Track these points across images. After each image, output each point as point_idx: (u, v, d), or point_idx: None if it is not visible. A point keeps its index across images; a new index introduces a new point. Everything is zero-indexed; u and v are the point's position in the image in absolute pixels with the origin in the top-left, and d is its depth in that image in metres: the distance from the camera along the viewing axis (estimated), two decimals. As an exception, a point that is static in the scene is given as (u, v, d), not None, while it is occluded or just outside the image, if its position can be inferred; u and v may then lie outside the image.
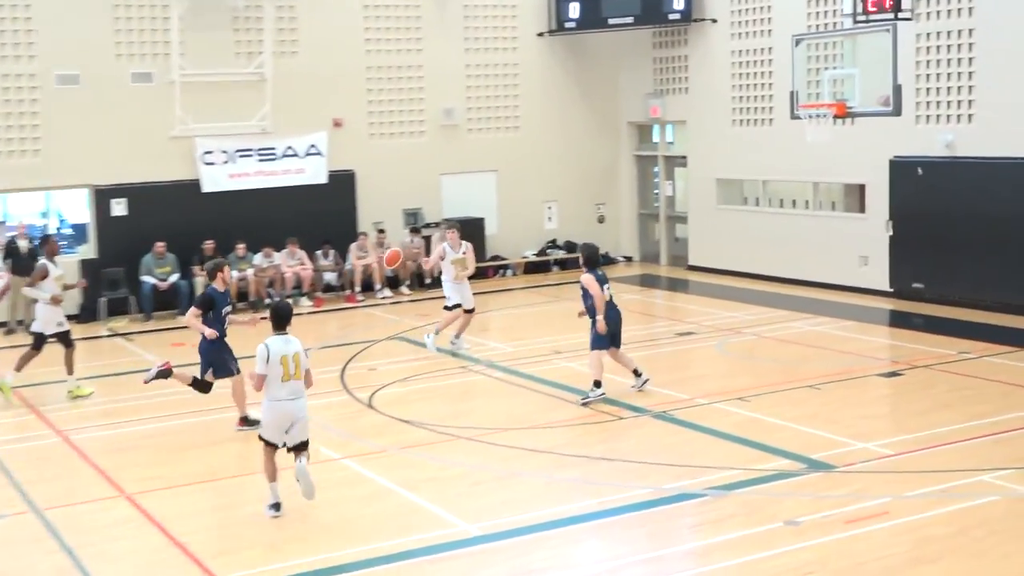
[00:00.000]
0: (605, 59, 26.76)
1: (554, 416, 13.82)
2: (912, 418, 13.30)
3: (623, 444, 12.69)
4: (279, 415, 10.76)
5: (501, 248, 25.81)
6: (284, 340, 10.76)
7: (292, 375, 10.70)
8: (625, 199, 27.31)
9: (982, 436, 12.37)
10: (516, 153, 25.85)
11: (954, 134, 19.79)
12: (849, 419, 13.29)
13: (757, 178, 23.88)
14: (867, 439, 12.43)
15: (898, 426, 13.11)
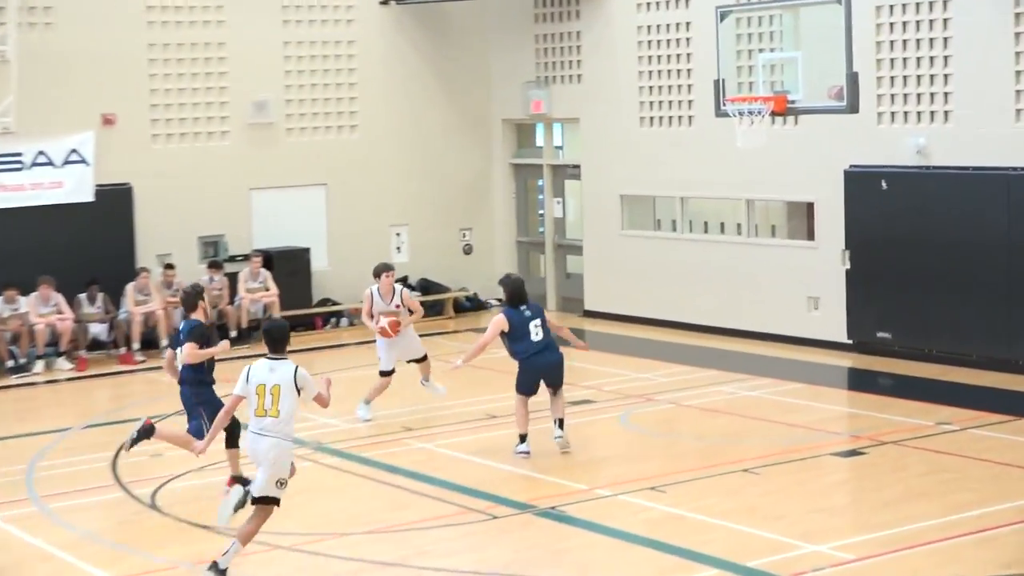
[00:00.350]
0: (472, 37, 27.00)
1: (406, 515, 13.75)
2: (878, 511, 13.51)
3: (499, 552, 12.66)
4: (248, 454, 12.08)
5: (333, 289, 25.75)
6: (269, 367, 11.83)
7: (267, 410, 11.74)
8: (499, 223, 27.53)
9: (966, 534, 12.61)
10: (353, 161, 25.93)
11: (927, 136, 20.33)
12: (797, 513, 13.44)
13: (673, 194, 24.23)
14: (820, 540, 12.58)
15: (860, 522, 13.30)
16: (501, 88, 27.13)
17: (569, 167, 26.58)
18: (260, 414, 11.76)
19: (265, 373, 11.78)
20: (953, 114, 20.13)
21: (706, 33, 21.41)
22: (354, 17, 25.89)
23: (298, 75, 25.45)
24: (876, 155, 20.97)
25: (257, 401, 11.74)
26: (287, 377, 11.75)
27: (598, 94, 25.39)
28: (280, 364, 11.85)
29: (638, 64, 24.58)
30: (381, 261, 19.55)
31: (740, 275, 23.00)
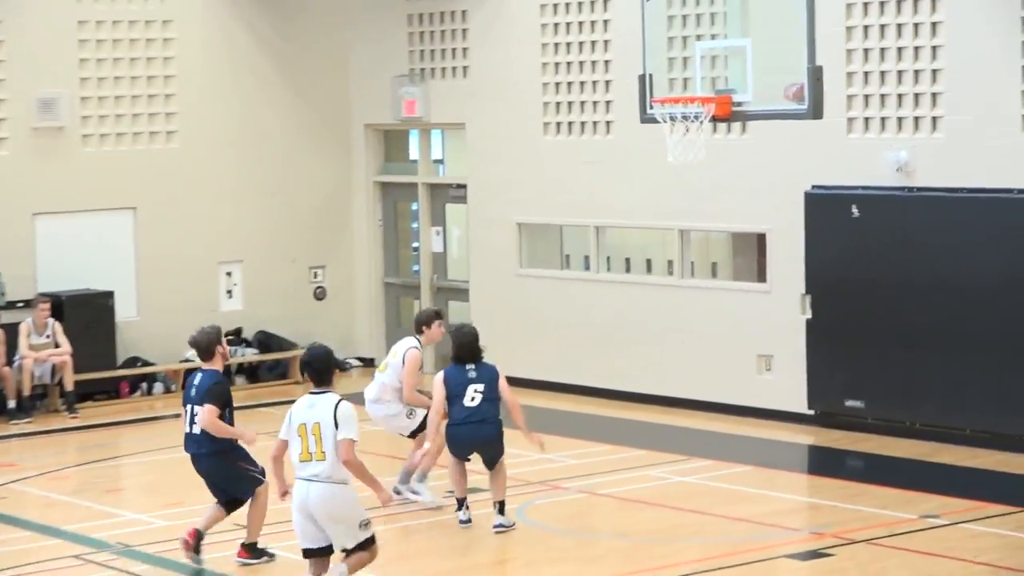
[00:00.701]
0: (326, 18, 27.30)
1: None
2: (846, 627, 13.99)
3: None
4: (296, 504, 13.36)
5: (144, 345, 25.84)
6: (309, 402, 13.41)
7: (312, 453, 13.18)
8: (361, 259, 27.80)
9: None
10: (170, 179, 26.00)
11: (911, 149, 20.83)
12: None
13: (586, 223, 24.55)
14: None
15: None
16: (363, 84, 27.42)
17: (452, 187, 26.86)
18: (305, 458, 13.21)
19: (305, 410, 13.33)
20: (943, 121, 20.54)
21: (629, 16, 21.55)
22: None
23: (97, 65, 25.50)
24: (845, 173, 21.35)
25: (301, 444, 13.20)
26: (324, 415, 13.23)
27: (489, 93, 25.66)
28: (321, 398, 13.37)
29: (541, 54, 24.88)
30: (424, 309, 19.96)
31: (672, 327, 23.18)
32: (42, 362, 23.91)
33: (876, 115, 21.20)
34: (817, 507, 18.44)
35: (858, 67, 21.27)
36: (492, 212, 25.77)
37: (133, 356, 25.78)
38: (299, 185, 27.23)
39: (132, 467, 21.40)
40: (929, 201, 20.64)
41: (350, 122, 27.68)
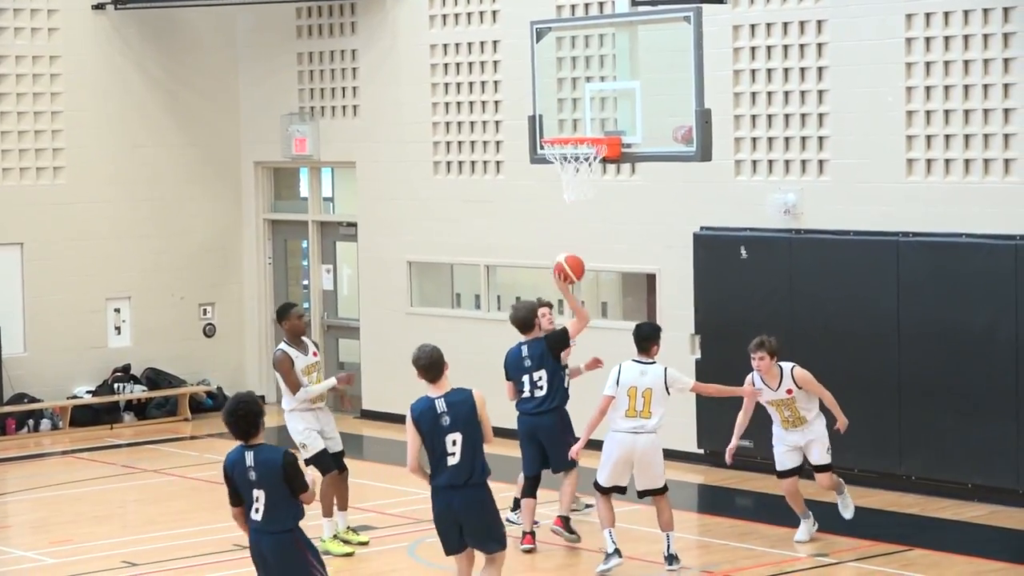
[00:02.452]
0: (216, 54, 27.27)
1: None
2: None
3: None
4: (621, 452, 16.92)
5: (31, 382, 25.68)
6: (640, 369, 16.53)
7: (638, 411, 16.60)
8: (251, 296, 27.75)
9: None
10: (57, 214, 25.90)
11: (798, 192, 20.92)
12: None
13: (476, 261, 24.63)
14: None
15: None
16: (253, 122, 27.38)
17: (342, 225, 26.86)
18: (632, 415, 16.48)
19: (636, 376, 16.50)
20: (830, 164, 20.73)
21: (519, 56, 21.74)
22: (58, 25, 25.92)
23: (-18, 100, 25.38)
24: (733, 215, 21.51)
25: (629, 403, 16.46)
26: (658, 380, 16.42)
27: (379, 132, 25.72)
28: (650, 367, 16.51)
29: (431, 94, 24.97)
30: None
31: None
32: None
33: (764, 158, 21.36)
34: (707, 545, 18.49)
35: (746, 110, 21.43)
36: (383, 250, 25.78)
37: (20, 392, 25.57)
38: (188, 222, 27.18)
39: (18, 504, 21.13)
40: (816, 243, 20.81)
41: (240, 159, 27.63)
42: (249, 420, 12.14)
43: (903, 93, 19.98)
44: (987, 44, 19.32)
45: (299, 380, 17.78)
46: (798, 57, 20.94)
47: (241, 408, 12.16)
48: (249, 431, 12.16)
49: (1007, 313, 19.08)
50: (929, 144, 19.85)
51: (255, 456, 12.12)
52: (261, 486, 12.09)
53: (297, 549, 12.22)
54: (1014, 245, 19.05)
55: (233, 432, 12.22)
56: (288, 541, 12.18)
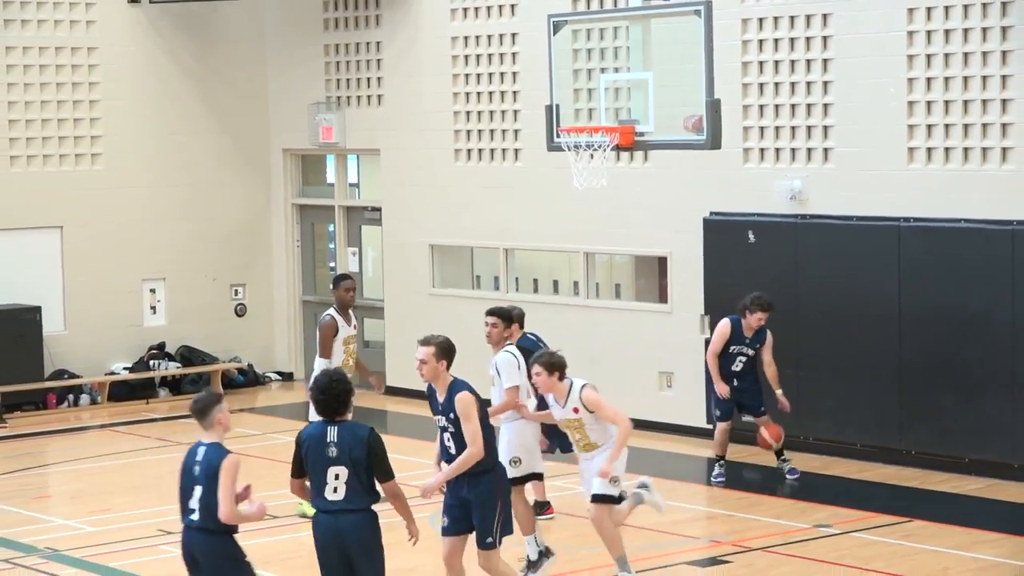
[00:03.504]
0: (246, 46, 27.37)
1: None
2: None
3: None
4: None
5: (70, 358, 25.84)
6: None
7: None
8: (280, 278, 27.87)
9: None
10: (95, 199, 26.02)
11: (803, 179, 21.09)
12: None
13: (495, 245, 24.75)
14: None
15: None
16: (282, 110, 27.49)
17: (367, 210, 26.97)
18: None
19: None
20: (834, 152, 20.83)
21: (536, 48, 21.70)
22: (95, 18, 26.02)
23: (24, 90, 25.52)
24: (742, 201, 21.63)
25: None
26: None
27: (403, 120, 25.79)
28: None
29: (452, 84, 25.03)
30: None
31: (577, 344, 23.10)
32: (-30, 379, 23.87)
33: (771, 146, 21.44)
34: (715, 516, 18.68)
35: (754, 100, 21.51)
36: (406, 234, 25.89)
37: (60, 369, 25.72)
38: (220, 206, 27.29)
39: (59, 475, 21.34)
40: (820, 228, 20.92)
41: (269, 146, 27.73)
42: (342, 399, 11.75)
43: (905, 84, 20.06)
44: (986, 37, 19.40)
45: (333, 351, 18.01)
46: (804, 49, 21.01)
47: (335, 387, 11.73)
48: (339, 411, 11.74)
49: (1004, 295, 19.21)
50: (929, 133, 19.94)
51: (339, 432, 11.68)
52: (342, 463, 11.59)
53: (377, 528, 11.82)
54: (1011, 230, 19.17)
55: (320, 409, 11.74)
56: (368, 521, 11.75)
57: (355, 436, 11.60)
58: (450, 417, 13.52)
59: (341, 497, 11.52)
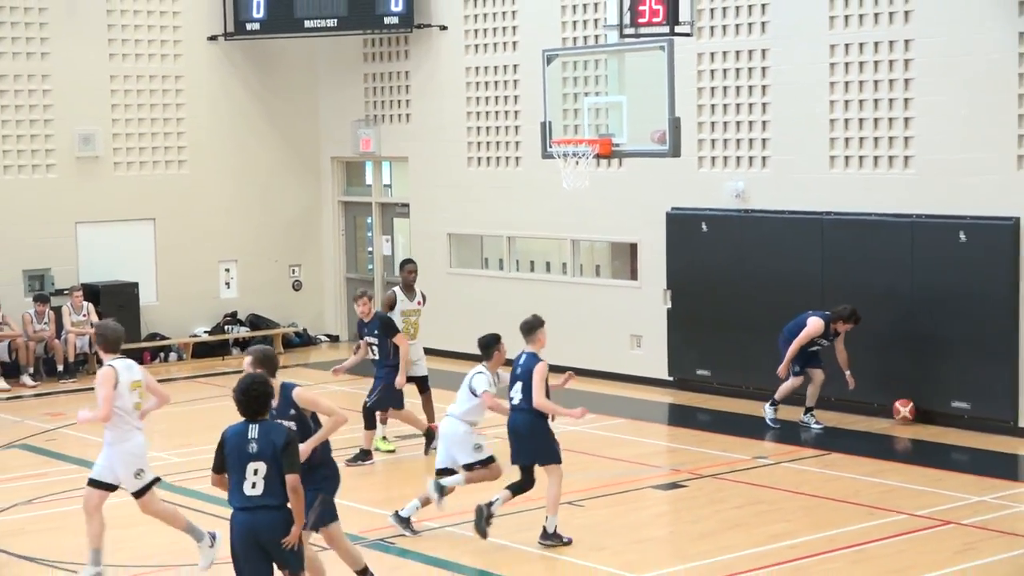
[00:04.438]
0: (301, 74, 27.21)
1: (235, 548, 13.83)
2: (696, 542, 14.00)
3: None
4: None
5: (162, 324, 25.76)
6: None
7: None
8: (329, 259, 27.71)
9: (781, 563, 13.12)
10: (181, 196, 25.94)
11: (746, 181, 21.00)
12: (618, 545, 13.86)
13: (500, 233, 24.66)
14: (641, 569, 12.99)
15: (679, 553, 13.75)
16: (330, 126, 27.36)
17: (398, 205, 26.85)
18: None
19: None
20: (771, 159, 20.78)
21: (533, 76, 21.85)
22: (182, 52, 25.91)
23: (125, 109, 25.40)
24: (697, 198, 21.55)
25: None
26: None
27: (426, 134, 25.69)
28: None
29: (466, 105, 24.96)
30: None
31: (565, 313, 23.26)
32: (81, 336, 23.75)
33: (720, 155, 21.39)
34: (675, 450, 18.63)
35: (707, 118, 21.46)
36: (428, 225, 25.79)
37: (153, 332, 25.69)
38: (281, 202, 27.18)
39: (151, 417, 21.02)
40: (759, 220, 20.84)
41: (320, 155, 27.61)
42: (260, 400, 10.04)
43: (827, 106, 20.02)
44: (891, 68, 19.37)
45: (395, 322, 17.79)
46: (747, 77, 20.96)
47: (254, 389, 10.03)
48: (259, 411, 10.02)
49: (904, 275, 19.16)
50: (847, 145, 19.89)
51: (259, 430, 9.98)
52: (262, 459, 9.92)
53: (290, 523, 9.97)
54: (910, 222, 19.13)
55: (241, 410, 10.05)
56: (284, 517, 9.96)
57: (275, 433, 9.95)
58: (290, 415, 11.17)
59: (259, 492, 9.85)
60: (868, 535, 14.02)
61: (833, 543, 13.73)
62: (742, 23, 20.97)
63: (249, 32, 25.80)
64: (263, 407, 10.07)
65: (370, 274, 27.40)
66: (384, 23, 25.33)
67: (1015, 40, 18.14)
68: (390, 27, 25.40)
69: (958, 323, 18.77)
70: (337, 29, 25.54)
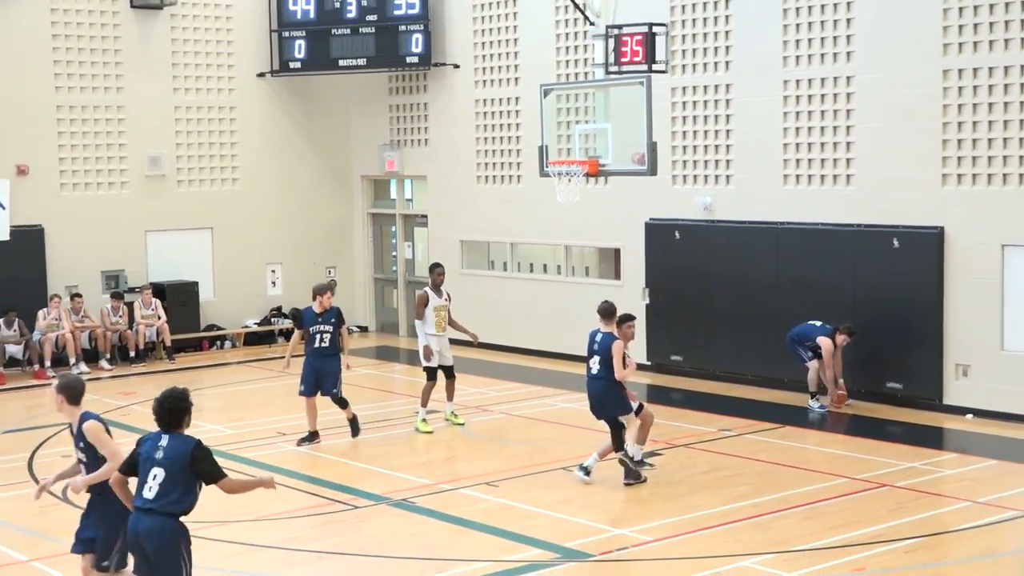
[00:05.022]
0: (336, 105, 27.15)
1: (279, 506, 13.77)
2: (671, 501, 13.99)
3: (358, 537, 12.83)
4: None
5: (218, 316, 25.69)
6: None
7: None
8: (359, 262, 27.64)
9: (743, 519, 13.14)
10: (234, 208, 25.89)
11: (713, 196, 20.95)
12: (605, 504, 13.87)
13: (504, 240, 24.59)
14: (624, 525, 13.02)
15: (656, 510, 13.73)
16: (360, 149, 27.28)
17: (418, 216, 26.76)
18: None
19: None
20: (734, 177, 20.73)
21: (532, 107, 21.82)
22: (235, 87, 25.84)
23: (187, 135, 25.32)
24: (671, 210, 21.49)
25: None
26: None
27: (442, 156, 25.63)
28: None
29: (475, 131, 24.88)
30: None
31: (559, 307, 23.35)
32: (150, 327, 23.77)
33: (691, 173, 21.31)
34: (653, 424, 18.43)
35: (679, 143, 21.40)
36: (443, 233, 25.70)
37: (211, 323, 25.63)
38: (319, 214, 27.09)
39: (210, 395, 21.29)
40: (724, 229, 20.77)
41: (351, 173, 27.51)
42: (174, 414, 8.88)
43: (781, 132, 19.96)
44: (836, 100, 19.34)
45: (424, 314, 17.79)
46: (713, 108, 20.90)
47: (169, 403, 8.90)
48: (172, 424, 8.89)
49: (846, 276, 19.11)
50: (798, 165, 19.83)
51: (169, 440, 8.85)
52: (163, 466, 8.77)
53: (173, 534, 8.80)
54: (852, 231, 19.09)
55: (156, 420, 8.93)
56: (169, 526, 8.78)
57: (183, 445, 8.82)
58: (80, 446, 9.70)
59: (151, 496, 8.74)
60: (816, 495, 14.02)
61: (787, 502, 13.72)
62: (709, 62, 20.94)
63: (292, 70, 25.77)
64: (177, 421, 8.90)
65: (394, 274, 27.37)
66: (406, 62, 25.29)
67: (940, 77, 18.13)
68: (411, 65, 25.36)
69: (892, 316, 18.75)
70: (366, 67, 25.50)
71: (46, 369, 22.45)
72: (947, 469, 15.35)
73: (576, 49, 22.83)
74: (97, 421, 9.58)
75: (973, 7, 17.77)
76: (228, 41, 25.69)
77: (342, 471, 15.43)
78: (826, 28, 19.38)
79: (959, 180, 18.12)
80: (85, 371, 22.58)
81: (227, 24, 25.67)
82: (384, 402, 20.03)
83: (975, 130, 17.92)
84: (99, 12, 24.20)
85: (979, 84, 17.82)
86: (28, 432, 18.01)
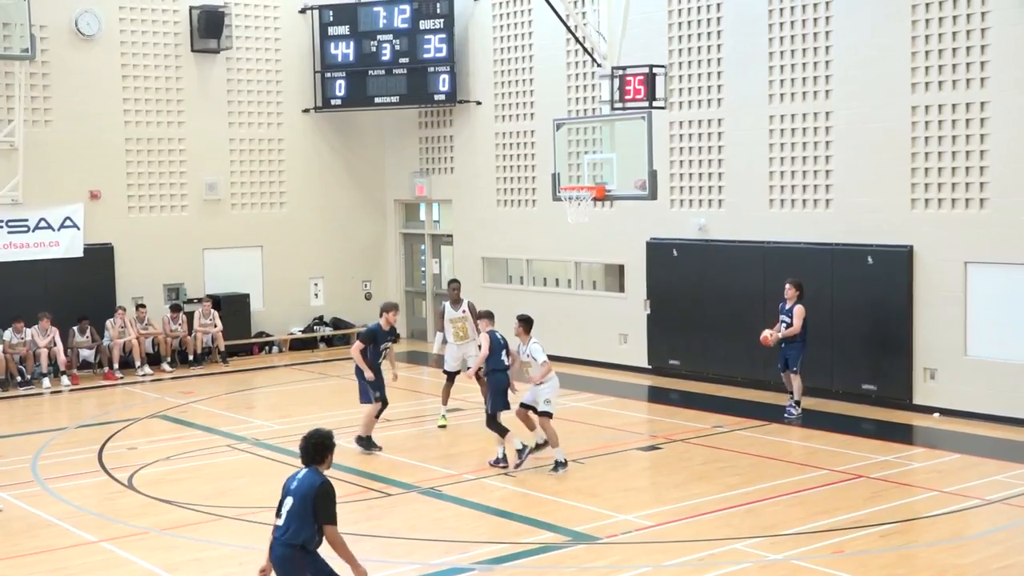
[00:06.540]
0: (371, 137, 27.09)
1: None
2: (670, 490, 13.87)
3: (390, 520, 12.76)
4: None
5: (267, 324, 25.63)
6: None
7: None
8: (392, 276, 27.55)
9: (735, 506, 13.02)
10: (281, 229, 25.82)
11: (707, 217, 20.84)
12: (611, 492, 13.74)
13: (521, 257, 24.49)
14: (628, 511, 12.89)
15: (657, 498, 13.62)
16: (393, 176, 27.22)
17: (444, 236, 26.67)
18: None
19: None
20: (725, 201, 20.60)
21: (546, 138, 21.83)
22: (283, 121, 25.78)
23: (240, 163, 25.28)
24: (669, 231, 21.36)
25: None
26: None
27: (466, 182, 25.56)
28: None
29: (495, 160, 24.81)
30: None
31: (570, 317, 23.26)
32: (207, 333, 23.71)
33: (687, 198, 21.17)
34: (653, 421, 18.43)
35: (676, 171, 21.25)
36: (467, 250, 25.62)
37: (260, 331, 25.53)
38: (356, 233, 26.99)
39: (260, 394, 21.24)
40: (717, 248, 20.63)
41: (386, 198, 27.43)
42: (317, 450, 8.56)
43: (767, 161, 19.82)
44: (816, 133, 19.21)
45: (443, 325, 17.78)
46: (707, 140, 20.78)
47: (313, 439, 8.62)
48: (315, 458, 8.56)
49: (826, 289, 18.90)
50: (783, 190, 19.69)
51: (306, 473, 8.54)
52: (293, 495, 8.46)
53: (293, 563, 8.39)
54: (831, 250, 18.93)
55: (302, 456, 8.63)
56: (288, 555, 8.38)
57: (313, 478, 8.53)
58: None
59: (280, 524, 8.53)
60: (800, 485, 13.88)
61: (775, 491, 13.60)
62: (703, 99, 20.84)
63: (333, 106, 25.73)
64: (319, 458, 8.58)
65: (423, 287, 27.30)
66: (434, 99, 25.25)
67: (909, 112, 18.01)
68: (439, 102, 25.31)
69: (867, 325, 18.61)
70: (399, 104, 25.46)
71: (114, 371, 22.43)
72: (917, 462, 15.20)
73: (585, 88, 22.76)
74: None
75: (938, 50, 17.67)
76: (277, 81, 25.66)
77: (377, 463, 15.34)
78: (807, 69, 19.27)
79: (926, 204, 17.99)
80: (148, 372, 22.56)
81: (276, 66, 25.64)
82: (414, 401, 19.93)
83: (940, 159, 17.80)
84: (163, 55, 24.22)
85: (943, 119, 17.71)
86: (99, 427, 17.99)
